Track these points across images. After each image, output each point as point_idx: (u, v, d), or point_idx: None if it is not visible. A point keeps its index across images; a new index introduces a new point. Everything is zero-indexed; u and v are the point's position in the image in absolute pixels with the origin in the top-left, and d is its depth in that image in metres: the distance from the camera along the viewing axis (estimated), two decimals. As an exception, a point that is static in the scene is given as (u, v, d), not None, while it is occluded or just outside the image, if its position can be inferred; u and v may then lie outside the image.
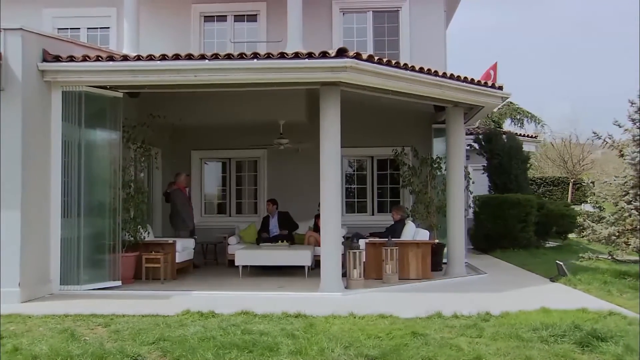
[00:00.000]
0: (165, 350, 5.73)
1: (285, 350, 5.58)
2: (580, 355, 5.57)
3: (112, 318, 7.20)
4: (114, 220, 9.61)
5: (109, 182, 9.67)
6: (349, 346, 5.70)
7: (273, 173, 13.99)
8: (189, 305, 7.67)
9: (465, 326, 6.52)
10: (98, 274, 9.46)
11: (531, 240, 15.61)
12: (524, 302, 7.81)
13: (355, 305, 7.77)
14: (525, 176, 16.85)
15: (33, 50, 8.84)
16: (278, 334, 6.19)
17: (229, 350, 5.56)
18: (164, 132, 13.04)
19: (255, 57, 8.83)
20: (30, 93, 8.74)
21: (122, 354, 5.51)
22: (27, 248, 8.55)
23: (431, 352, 5.53)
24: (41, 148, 8.98)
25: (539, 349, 5.61)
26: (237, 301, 7.95)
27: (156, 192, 13.38)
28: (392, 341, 5.88)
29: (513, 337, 5.99)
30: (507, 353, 5.51)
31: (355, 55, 8.80)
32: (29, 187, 8.65)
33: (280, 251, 11.12)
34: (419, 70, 9.67)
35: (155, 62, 8.92)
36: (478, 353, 5.49)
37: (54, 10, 14.21)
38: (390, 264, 10.27)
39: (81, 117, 9.26)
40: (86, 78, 9.10)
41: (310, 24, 13.58)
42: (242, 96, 10.92)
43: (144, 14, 13.64)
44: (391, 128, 13.52)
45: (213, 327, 6.49)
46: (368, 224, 13.40)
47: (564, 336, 5.97)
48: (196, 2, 14.14)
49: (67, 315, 7.36)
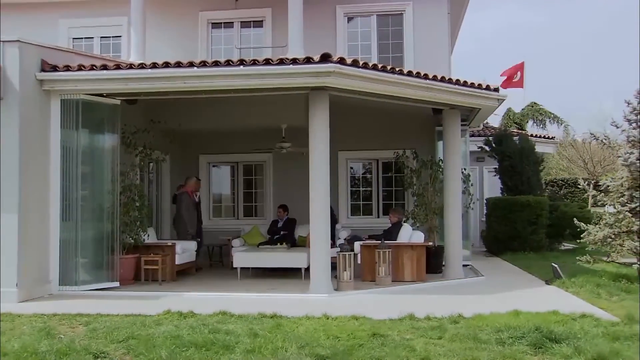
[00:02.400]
0: (130, 348, 5.96)
1: (241, 349, 5.76)
2: (531, 356, 5.59)
3: (96, 317, 7.49)
4: (112, 223, 9.95)
5: (107, 186, 10.02)
6: (304, 346, 5.84)
7: (278, 176, 14.19)
8: (178, 306, 7.89)
9: (431, 328, 6.59)
10: (96, 275, 9.82)
11: (542, 243, 15.43)
12: (505, 304, 7.75)
13: (336, 307, 7.90)
14: (538, 178, 16.66)
15: (31, 60, 9.25)
16: (243, 333, 6.37)
17: (187, 349, 5.77)
18: (173, 137, 13.39)
19: (241, 64, 9.05)
20: (29, 101, 9.14)
21: (86, 351, 5.76)
22: (25, 250, 8.94)
23: (383, 353, 5.63)
24: (40, 154, 9.37)
25: (491, 351, 5.65)
26: (223, 302, 8.12)
27: (165, 195, 13.75)
28: (349, 342, 6.00)
29: (471, 338, 6.04)
30: (457, 354, 5.57)
31: (339, 60, 8.94)
32: (27, 191, 9.04)
33: (276, 253, 11.32)
34: (407, 73, 9.75)
35: (147, 70, 9.23)
36: (428, 354, 5.56)
37: (69, 20, 14.72)
38: (384, 267, 10.35)
39: (79, 124, 9.63)
40: (82, 86, 9.46)
41: (314, 29, 13.78)
42: (244, 101, 11.14)
43: (153, 22, 14.04)
44: (395, 131, 13.57)
45: (184, 327, 6.72)
46: (373, 226, 13.45)
47: (523, 338, 5.99)
48: (204, 9, 14.46)
49: (55, 314, 7.69)
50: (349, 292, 9.56)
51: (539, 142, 18.49)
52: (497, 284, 10.31)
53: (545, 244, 15.51)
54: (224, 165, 14.93)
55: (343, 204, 14.03)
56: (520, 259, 13.96)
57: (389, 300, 8.89)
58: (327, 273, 9.50)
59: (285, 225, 13.05)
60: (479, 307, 7.61)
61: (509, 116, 24.39)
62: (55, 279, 9.50)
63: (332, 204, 13.49)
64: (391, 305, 8.10)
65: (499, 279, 10.95)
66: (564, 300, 8.54)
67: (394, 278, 10.54)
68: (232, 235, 13.25)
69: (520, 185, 16.11)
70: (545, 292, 9.43)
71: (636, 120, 9.92)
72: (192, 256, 11.89)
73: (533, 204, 15.24)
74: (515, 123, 23.90)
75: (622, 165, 9.76)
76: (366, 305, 8.24)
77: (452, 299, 8.88)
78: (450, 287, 10.15)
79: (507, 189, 16.49)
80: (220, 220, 14.54)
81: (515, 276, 11.47)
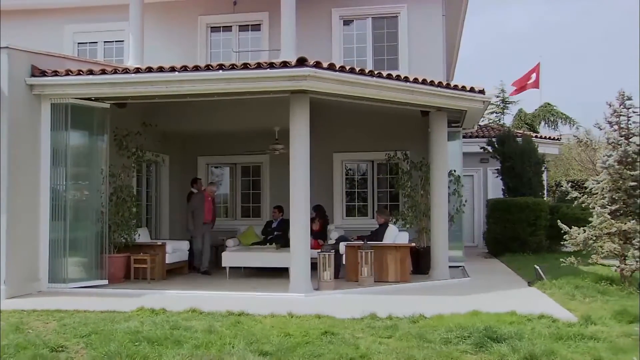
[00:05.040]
0: (89, 342, 6.23)
1: (190, 344, 5.98)
2: (471, 355, 5.70)
3: (72, 314, 7.79)
4: (101, 223, 10.28)
5: (97, 187, 10.35)
6: (253, 342, 6.03)
7: (275, 178, 14.39)
8: (156, 303, 8.13)
9: (385, 327, 6.72)
10: (84, 273, 10.17)
11: (542, 244, 15.35)
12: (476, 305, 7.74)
13: (307, 306, 8.06)
14: (539, 179, 16.57)
15: (21, 66, 9.62)
16: (201, 329, 6.58)
17: (140, 343, 6.00)
18: (169, 139, 13.72)
19: (220, 69, 9.28)
20: (18, 106, 9.50)
21: (44, 345, 6.04)
22: (13, 249, 9.29)
23: (325, 350, 5.79)
24: (30, 156, 9.73)
25: (431, 349, 5.77)
26: (199, 300, 8.37)
27: (163, 196, 14.07)
28: (299, 339, 6.16)
29: (418, 337, 6.15)
30: (397, 352, 5.70)
31: (315, 64, 9.10)
32: (16, 193, 9.39)
33: (263, 253, 11.53)
34: (387, 76, 9.87)
35: (130, 74, 9.54)
36: (368, 352, 5.71)
37: (74, 26, 15.17)
38: (366, 267, 10.48)
39: (68, 127, 9.96)
40: (70, 91, 9.81)
41: (311, 33, 13.98)
42: (237, 104, 11.38)
43: (154, 27, 14.40)
44: (390, 133, 13.65)
45: (149, 323, 6.95)
46: (369, 227, 13.52)
47: (469, 337, 6.09)
48: (203, 14, 14.76)
49: (34, 310, 8.01)
50: (328, 291, 9.72)
51: (543, 143, 18.38)
52: (480, 286, 10.35)
53: (545, 245, 15.42)
54: (222, 167, 15.20)
55: (338, 205, 14.16)
56: (518, 260, 13.93)
57: (362, 300, 9.00)
58: (306, 273, 9.68)
59: (279, 226, 13.24)
60: (445, 308, 7.68)
61: (520, 117, 24.21)
62: (45, 277, 9.85)
63: (326, 205, 13.71)
64: (361, 305, 8.17)
65: (484, 281, 10.98)
66: (535, 301, 8.60)
67: (378, 278, 10.67)
68: (231, 235, 13.50)
69: (521, 187, 16.06)
70: (522, 293, 9.48)
71: (617, 122, 9.88)
72: (183, 256, 12.17)
73: (532, 205, 15.20)
74: (526, 124, 23.73)
75: (601, 168, 9.73)
76: (337, 304, 8.40)
77: (425, 299, 8.97)
78: (431, 288, 10.23)
79: (508, 190, 16.46)
80: (219, 221, 14.78)
81: (503, 277, 11.51)
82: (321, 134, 13.74)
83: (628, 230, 9.52)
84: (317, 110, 12.96)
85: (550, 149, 18.92)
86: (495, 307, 7.60)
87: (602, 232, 9.78)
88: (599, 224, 9.97)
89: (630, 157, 9.75)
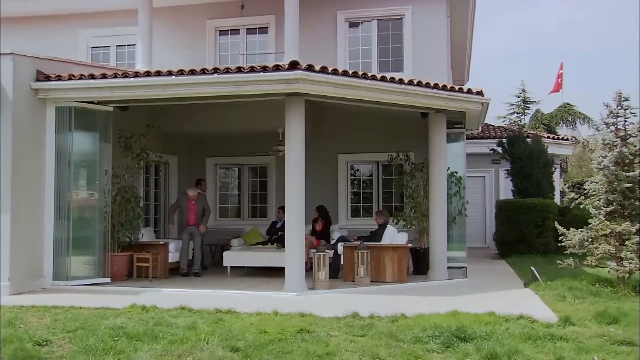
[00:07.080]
0: (74, 337, 6.48)
1: (167, 340, 6.19)
2: (437, 354, 5.79)
3: (67, 310, 8.07)
4: (104, 222, 10.60)
5: (100, 187, 10.66)
6: (227, 339, 6.21)
7: (281, 178, 14.50)
8: (150, 300, 8.38)
9: (362, 326, 6.84)
10: (87, 271, 10.50)
11: (550, 246, 15.22)
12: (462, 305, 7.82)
13: (296, 305, 8.17)
14: (549, 180, 16.45)
15: (26, 71, 9.98)
16: (183, 326, 6.79)
17: (118, 338, 6.24)
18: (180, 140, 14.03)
19: (215, 72, 9.50)
20: (23, 109, 9.85)
21: (29, 339, 6.31)
22: (17, 247, 9.64)
23: (295, 347, 5.94)
24: (34, 158, 10.08)
25: (398, 347, 5.88)
26: (192, 298, 8.62)
27: (172, 196, 14.37)
28: (273, 337, 6.32)
29: (390, 336, 6.27)
30: (363, 350, 5.83)
31: (307, 67, 9.25)
32: (21, 193, 9.75)
33: (263, 253, 11.73)
34: (381, 78, 9.96)
35: (129, 78, 9.82)
36: (335, 349, 5.84)
37: (87, 30, 15.58)
38: (362, 267, 10.59)
39: (72, 129, 10.30)
40: (73, 95, 10.14)
41: (316, 35, 14.16)
42: (242, 106, 11.60)
43: (163, 31, 14.74)
44: (395, 134, 13.72)
45: (134, 319, 7.20)
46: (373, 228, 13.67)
47: (440, 337, 6.18)
48: (211, 17, 15.03)
49: (33, 306, 8.32)
50: (321, 291, 9.86)
51: (556, 143, 18.24)
52: (475, 286, 10.38)
53: (553, 247, 15.28)
54: (230, 168, 15.45)
55: (343, 205, 14.30)
56: (524, 261, 13.82)
57: (352, 299, 9.09)
58: (300, 272, 9.84)
59: (283, 226, 13.41)
60: (430, 308, 7.76)
61: (537, 117, 24.00)
62: (49, 275, 10.19)
63: (331, 206, 13.86)
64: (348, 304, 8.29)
65: (481, 281, 10.99)
66: (524, 301, 8.63)
67: (375, 278, 10.78)
68: (238, 235, 13.73)
69: (530, 188, 15.99)
70: (514, 294, 9.49)
71: (614, 124, 9.83)
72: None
73: (539, 206, 15.12)
74: (543, 124, 23.52)
75: (596, 169, 9.69)
76: (324, 303, 8.53)
77: (415, 299, 9.04)
78: (426, 289, 10.29)
79: (518, 191, 16.41)
80: (226, 221, 15.07)
81: (501, 279, 11.50)
82: (326, 135, 13.95)
83: (622, 232, 9.47)
84: (322, 112, 13.19)
85: (564, 150, 18.76)
86: (480, 308, 7.66)
87: (597, 234, 9.73)
88: (595, 225, 9.94)
89: (627, 159, 9.70)
